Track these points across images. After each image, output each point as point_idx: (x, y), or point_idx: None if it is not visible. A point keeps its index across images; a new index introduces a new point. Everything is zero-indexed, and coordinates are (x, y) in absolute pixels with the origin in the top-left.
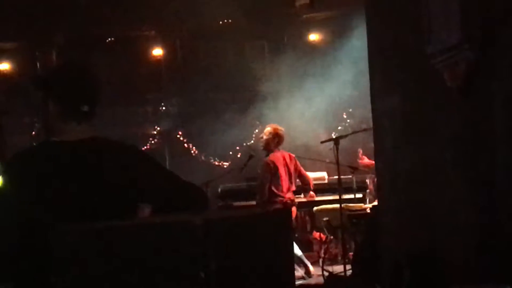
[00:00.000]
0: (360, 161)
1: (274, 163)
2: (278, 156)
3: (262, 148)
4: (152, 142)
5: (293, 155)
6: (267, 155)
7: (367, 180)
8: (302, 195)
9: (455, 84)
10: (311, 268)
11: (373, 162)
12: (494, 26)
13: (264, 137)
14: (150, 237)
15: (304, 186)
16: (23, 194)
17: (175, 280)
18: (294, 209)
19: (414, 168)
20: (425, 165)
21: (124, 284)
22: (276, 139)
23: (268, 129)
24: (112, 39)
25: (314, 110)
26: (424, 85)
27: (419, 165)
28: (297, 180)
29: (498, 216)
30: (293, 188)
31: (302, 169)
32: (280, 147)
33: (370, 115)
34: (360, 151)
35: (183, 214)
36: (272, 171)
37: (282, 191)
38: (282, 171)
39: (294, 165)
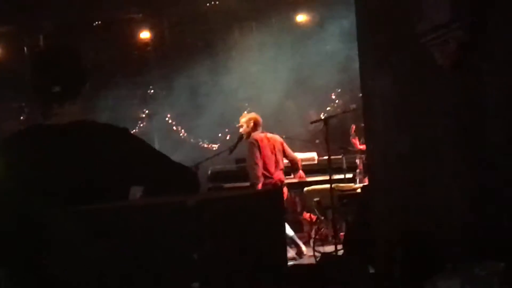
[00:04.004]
0: (352, 139)
1: (258, 142)
2: (261, 136)
3: (245, 138)
4: (141, 125)
5: (278, 136)
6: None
7: (357, 160)
8: (292, 176)
9: (446, 63)
10: (303, 247)
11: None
12: (484, 4)
13: (244, 126)
14: (142, 219)
15: (292, 167)
16: (13, 179)
17: (168, 261)
18: (285, 190)
19: (407, 148)
20: (418, 144)
21: (117, 266)
22: (252, 123)
23: (243, 119)
24: (99, 22)
25: (302, 91)
26: (415, 64)
27: (412, 144)
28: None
29: (492, 193)
30: (281, 167)
31: (288, 150)
32: (260, 129)
33: (359, 95)
34: (353, 126)
35: (175, 195)
36: (259, 149)
37: (269, 171)
38: (266, 150)
39: (279, 146)
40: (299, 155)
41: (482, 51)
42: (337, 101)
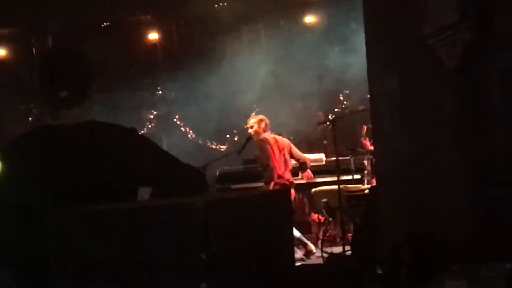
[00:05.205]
0: (363, 140)
1: (269, 141)
2: (271, 137)
3: (255, 139)
4: (149, 126)
5: (286, 139)
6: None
7: (365, 161)
8: (299, 176)
9: (453, 64)
10: (312, 246)
11: None
12: (491, 5)
13: (255, 127)
14: (150, 220)
15: (301, 166)
16: (21, 180)
17: (175, 262)
18: (292, 191)
19: (413, 150)
20: (424, 146)
21: (124, 267)
22: (264, 124)
23: (253, 120)
24: (108, 24)
25: (311, 92)
26: (422, 66)
27: (418, 146)
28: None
29: (496, 195)
30: (289, 167)
31: (296, 151)
32: (269, 131)
33: (366, 96)
34: (365, 127)
35: (183, 196)
36: (271, 148)
37: (280, 171)
38: (276, 151)
39: (287, 148)
40: (307, 156)
41: (489, 52)
42: (345, 102)
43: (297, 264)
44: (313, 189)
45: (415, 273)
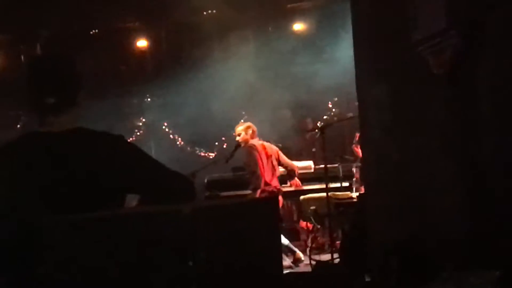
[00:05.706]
0: (355, 147)
1: (256, 148)
2: (258, 144)
3: (243, 145)
4: (138, 133)
5: (274, 145)
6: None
7: (353, 169)
8: (287, 183)
9: (441, 71)
10: (300, 254)
11: None
12: (480, 12)
13: (243, 134)
14: (138, 227)
15: (288, 173)
16: (9, 187)
17: (163, 269)
18: (280, 198)
19: (402, 156)
20: (413, 153)
21: (113, 273)
22: (251, 131)
23: (241, 127)
24: (96, 31)
25: (299, 100)
26: (411, 73)
27: (407, 153)
28: (281, 168)
29: (487, 201)
30: (276, 174)
31: (284, 158)
32: (257, 137)
33: (355, 104)
34: (357, 134)
35: (170, 203)
36: (258, 155)
37: (266, 178)
38: (264, 158)
39: (275, 154)
40: (296, 164)
41: (478, 59)
42: (334, 109)
43: (286, 271)
44: (302, 197)
45: (404, 280)
